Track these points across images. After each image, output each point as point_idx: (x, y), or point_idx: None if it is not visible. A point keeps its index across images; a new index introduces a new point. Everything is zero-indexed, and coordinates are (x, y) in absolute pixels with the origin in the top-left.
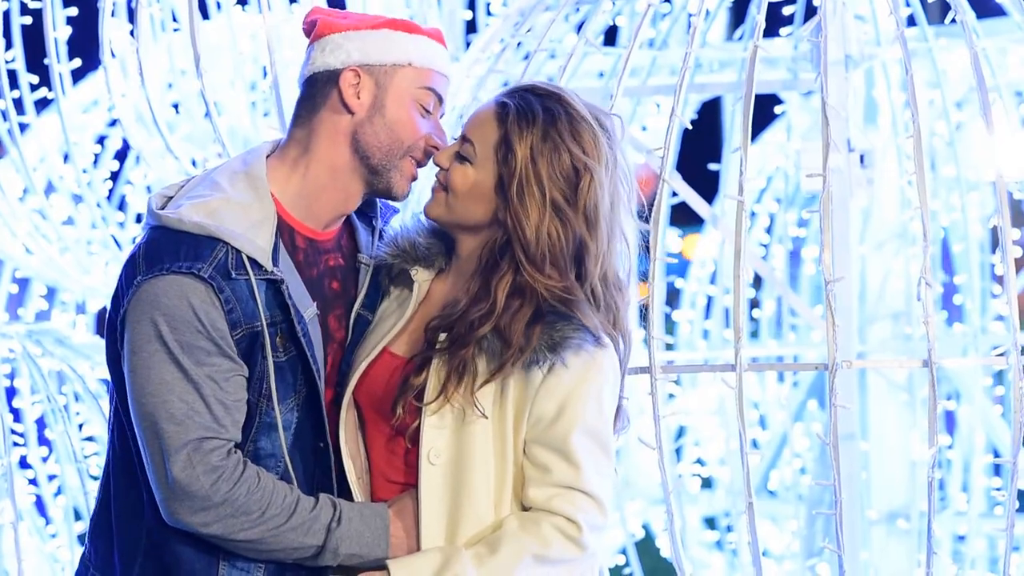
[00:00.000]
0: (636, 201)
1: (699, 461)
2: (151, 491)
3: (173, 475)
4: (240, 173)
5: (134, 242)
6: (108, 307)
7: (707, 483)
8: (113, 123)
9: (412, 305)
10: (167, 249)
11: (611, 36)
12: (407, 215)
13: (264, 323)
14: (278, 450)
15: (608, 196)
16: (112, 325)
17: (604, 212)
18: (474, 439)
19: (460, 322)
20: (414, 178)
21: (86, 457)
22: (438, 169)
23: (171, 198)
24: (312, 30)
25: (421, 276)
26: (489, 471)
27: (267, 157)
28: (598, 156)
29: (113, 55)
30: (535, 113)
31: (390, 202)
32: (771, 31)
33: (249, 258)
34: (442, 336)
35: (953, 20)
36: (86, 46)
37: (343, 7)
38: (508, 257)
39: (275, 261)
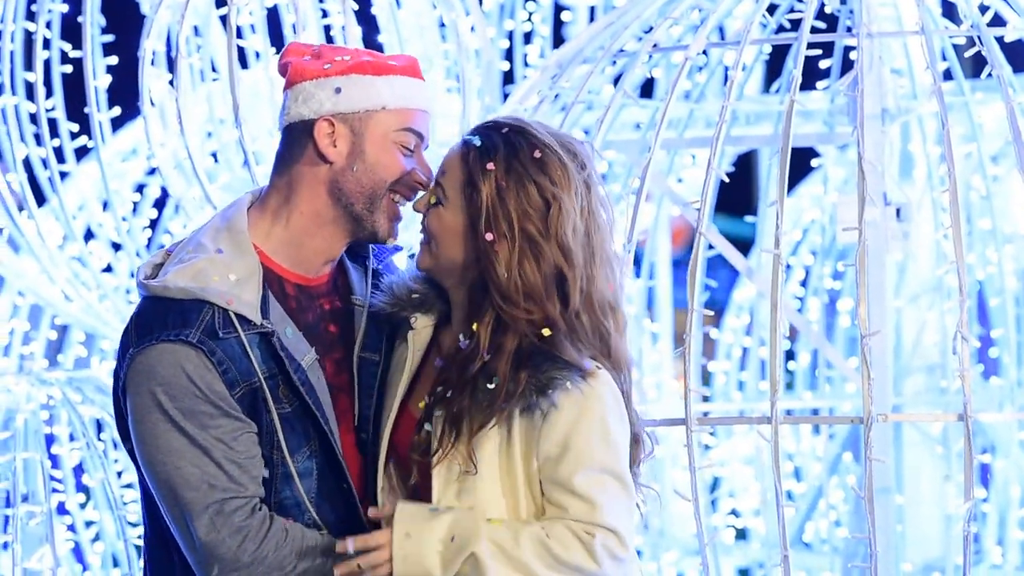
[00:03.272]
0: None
1: (734, 512)
2: (180, 553)
3: (200, 539)
4: (222, 230)
5: None
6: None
7: (742, 534)
8: (152, 172)
9: (412, 355)
10: (156, 318)
11: (648, 88)
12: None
13: (261, 378)
14: (301, 499)
15: (582, 222)
16: (116, 397)
17: (579, 239)
18: (483, 486)
19: (451, 371)
20: (398, 218)
21: (124, 504)
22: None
23: (162, 265)
24: (286, 72)
25: (421, 323)
26: (502, 516)
27: (249, 208)
28: (566, 183)
29: (153, 104)
30: (496, 148)
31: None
32: (808, 84)
33: (237, 315)
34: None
35: (989, 74)
36: (126, 95)
37: (381, 50)
38: (487, 296)
39: (265, 313)
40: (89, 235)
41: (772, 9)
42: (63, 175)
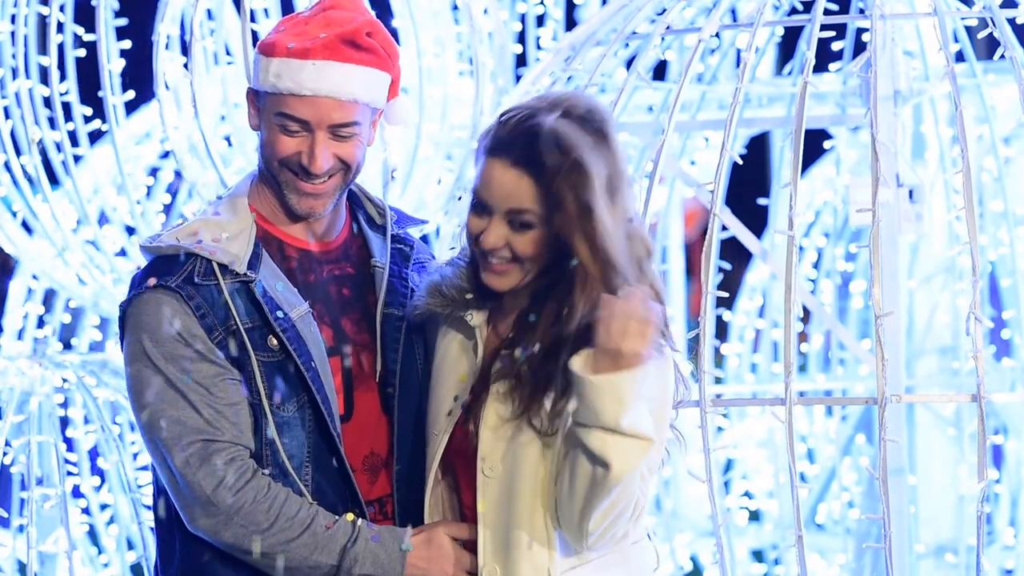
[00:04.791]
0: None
1: (747, 494)
2: (181, 531)
3: (179, 479)
4: (227, 197)
5: None
6: None
7: (755, 516)
8: (166, 155)
9: (482, 348)
10: (146, 272)
11: (661, 71)
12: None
13: (241, 326)
14: (278, 448)
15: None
16: None
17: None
18: (526, 450)
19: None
20: (309, 193)
21: (139, 487)
22: (490, 251)
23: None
24: None
25: (477, 319)
26: (537, 482)
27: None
28: (610, 149)
29: (167, 87)
30: (554, 154)
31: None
32: (820, 66)
33: (220, 265)
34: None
35: (1002, 56)
36: (140, 78)
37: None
38: (562, 278)
39: (254, 266)
40: (103, 219)
41: None
42: (77, 159)
